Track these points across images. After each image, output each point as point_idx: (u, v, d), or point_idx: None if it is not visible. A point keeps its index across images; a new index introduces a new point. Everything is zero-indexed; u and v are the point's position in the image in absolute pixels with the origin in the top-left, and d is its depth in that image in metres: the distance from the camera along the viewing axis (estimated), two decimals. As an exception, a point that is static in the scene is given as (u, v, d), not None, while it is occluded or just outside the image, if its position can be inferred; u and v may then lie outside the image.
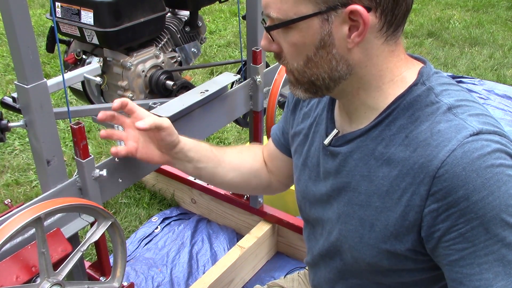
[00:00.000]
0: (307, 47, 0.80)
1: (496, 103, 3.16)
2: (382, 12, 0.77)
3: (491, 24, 4.38)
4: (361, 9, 0.75)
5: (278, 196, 2.14)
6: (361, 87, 0.84)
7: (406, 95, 0.82)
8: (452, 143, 0.75)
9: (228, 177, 1.19)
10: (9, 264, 1.02)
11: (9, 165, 2.61)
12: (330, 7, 0.76)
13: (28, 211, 0.97)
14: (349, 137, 0.89)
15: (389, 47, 0.82)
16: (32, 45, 1.02)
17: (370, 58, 0.81)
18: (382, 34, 0.80)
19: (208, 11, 4.61)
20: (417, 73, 0.84)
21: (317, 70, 0.82)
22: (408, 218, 0.80)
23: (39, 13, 4.50)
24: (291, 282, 1.34)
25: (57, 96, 3.14)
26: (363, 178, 0.87)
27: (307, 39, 0.79)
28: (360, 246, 0.89)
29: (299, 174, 1.05)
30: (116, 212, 2.30)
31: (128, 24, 1.49)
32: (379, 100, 0.84)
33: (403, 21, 0.81)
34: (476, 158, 0.73)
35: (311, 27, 0.78)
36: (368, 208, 0.86)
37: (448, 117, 0.79)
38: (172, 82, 1.61)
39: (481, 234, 0.74)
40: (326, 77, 0.83)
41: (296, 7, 0.77)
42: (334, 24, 0.77)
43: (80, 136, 1.10)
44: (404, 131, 0.82)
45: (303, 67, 0.83)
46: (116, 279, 1.19)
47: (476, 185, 0.73)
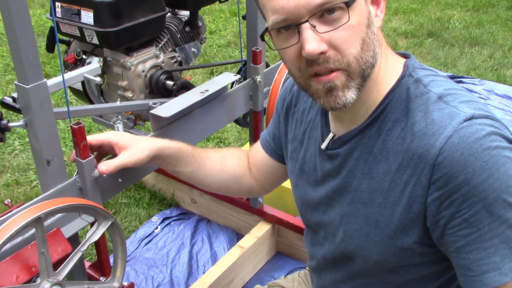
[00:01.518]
0: (362, 27, 0.80)
1: (496, 103, 3.16)
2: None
3: (491, 24, 4.38)
4: None
5: (278, 196, 2.14)
6: (373, 78, 0.85)
7: (396, 89, 0.85)
8: (447, 130, 0.77)
9: (207, 182, 1.20)
10: (9, 264, 1.02)
11: (9, 165, 2.61)
12: None
13: (28, 211, 0.96)
14: (346, 138, 0.90)
15: (381, 37, 0.86)
16: (32, 45, 1.02)
17: (381, 42, 0.85)
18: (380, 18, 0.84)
19: (208, 11, 4.61)
20: (403, 65, 0.87)
21: (369, 53, 0.81)
22: (413, 209, 0.81)
23: (39, 13, 4.50)
24: (292, 282, 1.34)
25: (57, 96, 3.14)
26: (364, 176, 0.87)
27: (362, 18, 0.80)
28: (366, 244, 0.90)
29: (297, 180, 1.05)
30: (116, 212, 2.30)
31: (128, 24, 1.49)
32: (373, 95, 0.86)
33: None
34: (473, 142, 0.75)
35: (361, 5, 0.80)
36: (371, 205, 0.87)
37: (440, 105, 0.80)
38: (172, 82, 1.61)
39: (484, 218, 0.75)
40: (372, 63, 0.82)
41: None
42: (367, 1, 0.81)
43: (80, 136, 1.10)
44: (399, 124, 0.83)
45: (360, 52, 0.80)
46: (116, 279, 1.19)
47: (475, 168, 0.74)
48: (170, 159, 1.13)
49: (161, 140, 1.12)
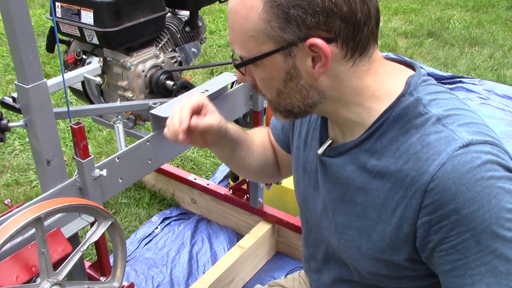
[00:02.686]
0: (275, 81, 0.82)
1: (496, 103, 3.16)
2: (343, 42, 0.77)
3: (491, 24, 4.38)
4: (320, 41, 0.76)
5: (278, 196, 2.14)
6: (339, 106, 0.85)
7: (394, 107, 0.82)
8: (442, 157, 0.75)
9: (253, 167, 1.18)
10: (9, 264, 1.02)
11: (9, 165, 2.61)
12: (290, 43, 0.77)
13: (28, 211, 0.97)
14: (341, 149, 0.89)
15: (361, 68, 0.81)
16: (32, 45, 1.02)
17: (340, 82, 0.81)
18: (348, 60, 0.80)
19: (208, 11, 4.61)
20: (405, 83, 0.83)
21: (290, 100, 0.84)
22: (403, 230, 0.81)
23: (39, 13, 4.50)
24: (292, 282, 1.34)
25: (57, 96, 3.14)
26: (357, 190, 0.87)
27: (274, 73, 0.81)
28: (358, 256, 0.90)
29: (299, 178, 1.04)
30: (116, 212, 2.30)
31: (128, 24, 1.49)
32: (362, 114, 0.84)
33: (370, 41, 0.80)
34: (466, 172, 0.73)
35: (275, 63, 0.80)
36: (365, 219, 0.87)
37: (437, 128, 0.78)
38: (172, 82, 1.61)
39: (472, 246, 0.74)
40: (301, 105, 0.84)
41: (258, 46, 0.79)
42: (297, 57, 0.78)
43: (80, 136, 1.10)
44: (395, 143, 0.81)
45: (276, 98, 0.85)
46: (116, 279, 1.19)
47: (466, 198, 0.73)
48: (234, 142, 1.10)
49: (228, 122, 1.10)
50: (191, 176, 2.25)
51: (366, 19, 0.77)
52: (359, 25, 0.77)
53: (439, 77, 3.45)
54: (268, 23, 0.76)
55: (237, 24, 0.80)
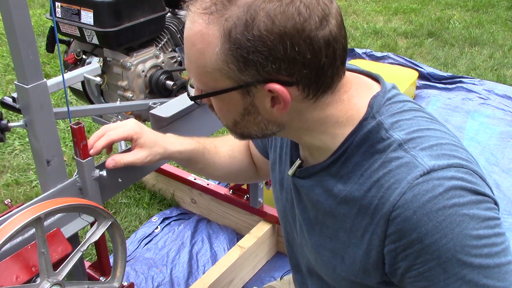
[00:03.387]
0: (232, 113, 0.79)
1: (496, 103, 3.16)
2: (305, 86, 0.74)
3: (491, 24, 4.38)
4: (279, 87, 0.72)
5: (278, 196, 2.14)
6: (301, 133, 0.83)
7: (357, 132, 0.80)
8: (402, 186, 0.73)
9: (216, 174, 1.22)
10: (9, 264, 1.02)
11: (9, 165, 2.61)
12: (248, 84, 0.74)
13: (28, 211, 0.96)
14: (310, 171, 0.87)
15: (324, 101, 0.78)
16: (32, 45, 1.02)
17: (301, 115, 0.79)
18: (310, 99, 0.76)
19: (208, 11, 4.61)
20: (367, 105, 0.80)
21: (247, 130, 0.81)
22: (372, 256, 0.80)
23: (39, 13, 4.50)
24: (287, 285, 1.34)
25: (57, 96, 3.14)
26: (327, 213, 0.86)
27: (231, 108, 0.78)
28: (334, 276, 0.89)
29: (277, 194, 1.03)
30: (116, 212, 2.30)
31: (128, 24, 1.49)
32: (326, 141, 0.82)
33: (335, 80, 0.77)
34: (427, 201, 0.71)
35: (233, 99, 0.77)
36: (337, 242, 0.86)
37: (399, 154, 0.76)
38: (172, 82, 1.61)
39: (439, 273, 0.73)
40: (259, 134, 0.82)
41: (215, 82, 0.75)
42: (255, 96, 0.75)
43: (80, 136, 1.10)
44: (359, 168, 0.80)
45: (232, 126, 0.82)
46: (116, 279, 1.19)
47: (428, 228, 0.71)
48: (181, 161, 1.16)
49: (175, 143, 1.11)
50: (191, 176, 2.26)
51: (331, 62, 0.73)
52: (322, 70, 0.73)
53: (439, 77, 3.45)
54: (226, 64, 0.72)
55: (193, 56, 0.75)
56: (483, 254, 0.72)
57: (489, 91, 3.28)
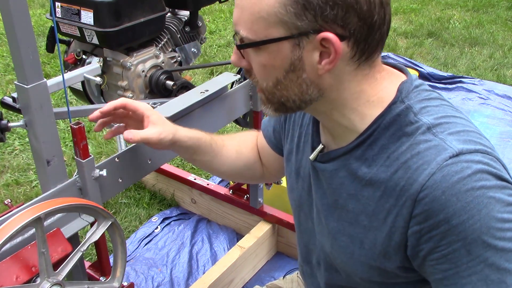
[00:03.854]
0: (276, 70, 0.79)
1: (496, 103, 3.16)
2: (355, 42, 0.75)
3: (491, 24, 4.38)
4: (334, 37, 0.73)
5: (278, 196, 2.14)
6: (334, 108, 0.83)
7: (385, 115, 0.81)
8: (431, 167, 0.74)
9: (222, 169, 1.20)
10: (9, 264, 1.02)
11: (9, 165, 2.61)
12: (302, 33, 0.74)
13: (28, 211, 0.96)
14: (333, 155, 0.88)
15: (363, 71, 0.80)
16: (32, 45, 1.02)
17: (341, 83, 0.80)
18: (354, 61, 0.78)
19: (208, 11, 4.61)
20: (396, 90, 0.82)
21: (286, 92, 0.81)
22: (394, 238, 0.81)
23: (39, 13, 4.50)
24: (290, 283, 1.34)
25: (57, 96, 3.14)
26: (350, 196, 0.86)
27: (277, 62, 0.78)
28: (351, 262, 0.90)
29: (293, 183, 1.04)
30: (116, 212, 2.30)
31: (128, 24, 1.49)
32: (355, 121, 0.83)
33: (379, 46, 0.79)
34: (456, 182, 0.73)
35: (281, 51, 0.76)
36: (357, 226, 0.86)
37: (427, 137, 0.77)
38: (172, 82, 1.61)
39: (463, 256, 0.74)
40: (297, 99, 0.81)
41: (267, 30, 0.75)
42: (305, 49, 0.75)
43: (80, 136, 1.10)
44: (386, 151, 0.80)
45: (272, 88, 0.81)
46: (116, 279, 1.19)
47: (456, 209, 0.72)
48: (189, 149, 1.12)
49: (184, 129, 1.11)
50: (191, 176, 2.25)
51: (381, 23, 0.75)
52: (373, 27, 0.75)
53: (439, 77, 3.45)
54: (284, 6, 0.72)
55: (248, 3, 0.75)
56: (507, 237, 0.73)
57: (489, 91, 3.28)
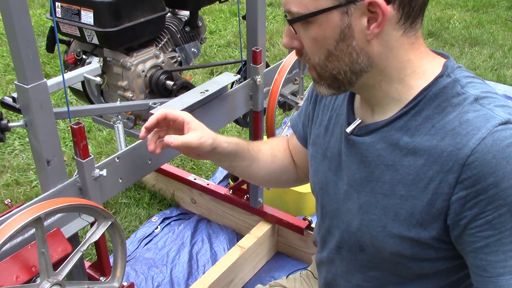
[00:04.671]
0: (327, 41, 0.82)
1: (496, 103, 3.16)
2: (400, 4, 0.79)
3: (491, 24, 4.38)
4: (380, 0, 0.77)
5: (278, 196, 2.14)
6: (383, 79, 0.86)
7: (432, 86, 0.84)
8: (482, 132, 0.77)
9: (260, 174, 1.20)
10: (9, 264, 1.02)
11: (9, 165, 2.61)
12: (349, 0, 0.78)
13: (28, 211, 0.97)
14: (372, 127, 0.90)
15: (409, 40, 0.83)
16: (32, 45, 1.02)
17: (390, 50, 0.83)
18: (400, 26, 0.81)
19: (208, 11, 4.61)
20: (442, 65, 0.86)
21: (338, 63, 0.84)
22: (435, 205, 0.82)
23: (39, 13, 4.50)
24: (293, 282, 1.34)
25: (57, 96, 3.14)
26: (387, 167, 0.88)
27: (327, 32, 0.81)
28: (382, 235, 0.90)
29: (317, 165, 1.05)
30: (116, 212, 2.30)
31: (128, 24, 1.49)
32: (402, 91, 0.86)
33: (421, 14, 0.83)
34: (506, 146, 0.75)
35: (331, 20, 0.80)
36: (392, 197, 0.87)
37: (475, 107, 0.80)
38: (172, 82, 1.61)
39: (508, 221, 0.75)
40: (348, 70, 0.84)
41: (316, 1, 0.79)
42: (353, 16, 0.79)
43: (80, 136, 1.10)
44: (430, 121, 0.83)
45: (324, 61, 0.85)
46: (116, 279, 1.19)
47: (506, 172, 0.74)
48: (228, 155, 1.12)
49: (222, 136, 1.12)
50: (191, 176, 2.25)
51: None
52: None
53: (439, 77, 3.45)
54: None
55: None
56: None
57: (489, 91, 3.28)
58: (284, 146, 1.25)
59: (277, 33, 4.19)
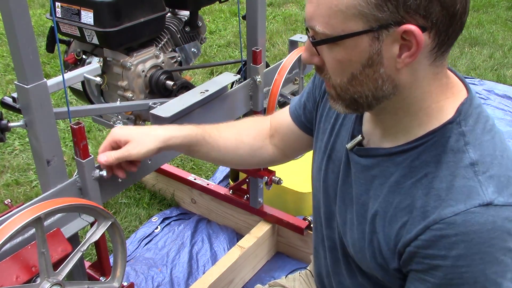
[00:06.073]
0: (353, 65, 0.76)
1: (496, 103, 3.16)
2: (437, 33, 0.73)
3: (491, 24, 4.38)
4: (416, 29, 0.70)
5: (278, 196, 2.14)
6: (401, 107, 0.81)
7: (438, 132, 0.80)
8: (459, 206, 0.74)
9: (225, 159, 1.20)
10: (9, 264, 1.02)
11: (9, 165, 2.61)
12: (382, 25, 0.71)
13: (28, 211, 0.96)
14: (372, 153, 0.87)
15: (435, 69, 0.78)
16: (32, 45, 1.02)
17: (416, 79, 0.78)
18: (433, 54, 0.76)
19: (208, 11, 4.61)
20: (456, 109, 0.80)
21: (361, 88, 0.78)
22: (398, 247, 0.82)
23: (39, 13, 4.49)
24: (293, 282, 1.34)
25: (57, 96, 3.14)
26: (374, 197, 0.87)
27: (354, 56, 0.75)
28: (361, 255, 0.91)
29: (321, 163, 1.03)
30: (116, 212, 2.30)
31: (128, 24, 1.49)
32: (413, 125, 0.82)
33: (455, 41, 0.77)
34: (473, 232, 0.73)
35: (360, 45, 0.74)
36: (371, 225, 0.87)
37: (467, 173, 0.76)
38: (172, 82, 1.61)
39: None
40: (370, 95, 0.79)
41: (345, 23, 0.73)
42: (384, 42, 0.73)
43: (80, 136, 1.10)
44: (426, 168, 0.80)
45: (346, 84, 0.79)
46: (116, 279, 1.19)
47: (459, 254, 0.74)
48: (178, 147, 1.12)
49: (168, 130, 1.10)
50: (191, 176, 2.25)
51: (462, 11, 0.73)
52: (455, 16, 0.72)
53: (439, 77, 3.45)
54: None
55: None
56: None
57: (489, 91, 3.28)
58: (257, 129, 1.22)
59: (277, 33, 4.19)
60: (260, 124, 1.24)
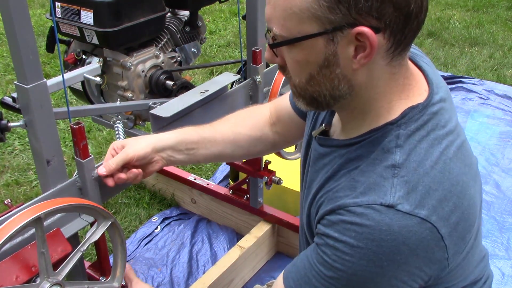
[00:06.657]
0: (310, 65, 0.78)
1: (496, 103, 3.16)
2: (392, 33, 0.73)
3: (491, 24, 4.38)
4: (368, 31, 0.71)
5: (278, 196, 2.14)
6: (356, 107, 0.83)
7: (379, 131, 0.81)
8: (362, 199, 0.76)
9: (226, 154, 1.20)
10: (9, 264, 1.02)
11: (9, 165, 2.61)
12: (336, 28, 0.73)
13: (28, 211, 0.97)
14: (328, 143, 0.91)
15: (392, 69, 0.79)
16: (32, 45, 1.02)
17: (372, 80, 0.79)
18: (389, 54, 0.76)
19: (208, 11, 4.61)
20: (402, 111, 0.81)
21: (319, 87, 0.80)
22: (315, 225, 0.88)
23: (39, 13, 4.49)
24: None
25: (57, 96, 3.14)
26: (316, 183, 0.90)
27: (311, 57, 0.77)
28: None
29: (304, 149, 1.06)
30: (116, 212, 2.30)
31: (128, 24, 1.49)
32: (364, 122, 0.84)
33: (413, 39, 0.77)
34: (366, 226, 0.74)
35: (315, 46, 0.75)
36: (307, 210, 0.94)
37: (386, 173, 0.77)
38: (172, 82, 1.61)
39: None
40: (327, 95, 0.81)
41: (300, 26, 0.74)
42: (339, 44, 0.74)
43: (80, 136, 1.10)
44: (358, 162, 0.82)
45: (305, 84, 0.81)
46: (116, 279, 1.19)
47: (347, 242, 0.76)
48: (175, 148, 1.12)
49: (161, 133, 1.12)
50: (191, 176, 2.25)
51: (418, 11, 0.73)
52: (410, 17, 0.72)
53: (439, 77, 3.45)
54: (317, 1, 0.71)
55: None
56: None
57: (489, 91, 3.27)
58: (255, 119, 1.23)
59: (277, 33, 4.19)
60: (256, 113, 1.25)
